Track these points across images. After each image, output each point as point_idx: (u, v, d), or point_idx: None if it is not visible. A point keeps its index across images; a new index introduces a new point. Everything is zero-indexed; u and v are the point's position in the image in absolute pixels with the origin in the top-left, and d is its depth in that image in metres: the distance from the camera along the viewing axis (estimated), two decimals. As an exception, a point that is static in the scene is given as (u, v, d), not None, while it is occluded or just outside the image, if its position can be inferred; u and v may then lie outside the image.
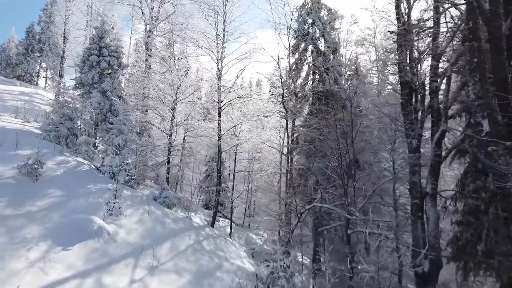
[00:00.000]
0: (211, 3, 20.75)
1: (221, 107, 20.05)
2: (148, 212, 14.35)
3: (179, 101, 20.53)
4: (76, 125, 19.60)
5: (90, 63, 22.73)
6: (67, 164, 15.29)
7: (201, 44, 20.66)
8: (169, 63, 21.76)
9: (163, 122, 22.33)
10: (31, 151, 14.98)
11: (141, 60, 26.35)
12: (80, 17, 35.08)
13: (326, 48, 23.41)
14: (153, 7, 26.56)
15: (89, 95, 22.34)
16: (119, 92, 23.56)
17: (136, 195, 16.01)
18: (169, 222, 14.94)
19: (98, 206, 12.63)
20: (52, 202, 11.64)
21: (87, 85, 22.64)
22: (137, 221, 13.32)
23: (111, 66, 23.17)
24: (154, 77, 23.54)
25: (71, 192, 12.71)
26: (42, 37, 63.50)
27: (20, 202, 10.88)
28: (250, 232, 24.73)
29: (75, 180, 14.12)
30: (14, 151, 14.23)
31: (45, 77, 66.63)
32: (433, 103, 15.25)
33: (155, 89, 20.71)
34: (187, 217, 17.12)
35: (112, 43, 23.71)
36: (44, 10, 64.30)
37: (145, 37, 26.45)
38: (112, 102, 22.55)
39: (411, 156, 15.35)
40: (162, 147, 21.96)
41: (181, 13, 24.84)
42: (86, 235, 10.35)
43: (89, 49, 23.50)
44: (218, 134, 19.78)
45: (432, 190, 14.72)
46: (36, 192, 11.87)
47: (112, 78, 23.10)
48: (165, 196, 17.12)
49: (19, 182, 11.93)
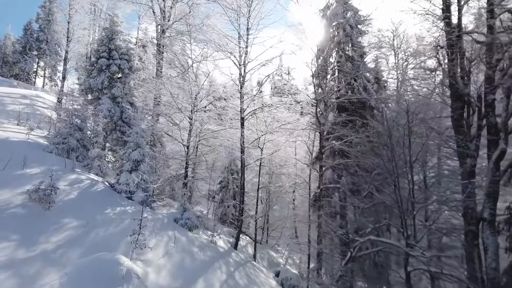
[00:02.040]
0: (232, 3, 19.00)
1: (243, 117, 18.33)
2: (174, 241, 12.70)
3: (198, 110, 18.82)
4: (86, 135, 17.86)
5: (99, 67, 21.01)
6: (80, 183, 13.58)
7: (222, 47, 18.87)
8: (186, 67, 19.99)
9: (178, 131, 20.60)
10: (40, 169, 13.36)
11: (152, 63, 24.68)
12: (83, 15, 33.22)
13: (353, 52, 21.82)
14: (165, 5, 24.82)
15: (98, 102, 20.62)
16: (130, 98, 21.87)
17: (156, 217, 14.37)
18: (197, 251, 13.28)
19: (120, 237, 10.97)
20: (69, 236, 9.94)
21: (96, 90, 20.92)
22: (164, 254, 11.66)
23: (122, 69, 21.47)
24: (168, 82, 21.82)
25: (89, 221, 11.02)
26: (40, 35, 61.51)
27: (33, 238, 9.18)
28: (269, 248, 23.12)
29: (91, 204, 12.44)
30: (22, 170, 12.54)
31: (43, 76, 64.61)
32: (489, 117, 13.71)
33: (170, 95, 18.95)
34: (212, 241, 15.48)
35: (122, 44, 22.01)
36: (43, 7, 62.21)
37: (158, 38, 24.71)
38: (123, 109, 20.87)
39: (464, 177, 13.82)
40: (177, 159, 20.25)
41: (196, 13, 23.07)
42: (113, 282, 8.65)
43: (97, 52, 21.76)
44: (241, 147, 18.05)
45: (490, 215, 13.17)
46: (50, 223, 10.18)
47: (122, 82, 21.41)
48: (187, 217, 15.46)
49: (29, 211, 10.22)
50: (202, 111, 19.67)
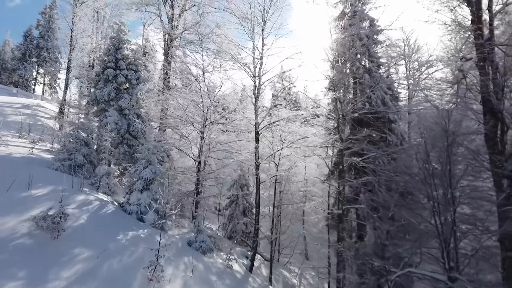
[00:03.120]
0: (247, 12, 18.18)
1: (258, 131, 17.41)
2: (191, 270, 11.73)
3: (211, 123, 17.93)
4: (92, 150, 16.92)
5: (105, 77, 20.07)
6: (89, 205, 12.61)
7: (235, 57, 18.02)
8: (197, 77, 19.12)
9: (188, 145, 19.68)
10: (46, 189, 12.42)
11: (156, 71, 23.82)
12: (87, 23, 32.39)
13: (371, 63, 21.02)
14: (173, 14, 24.00)
15: (104, 114, 19.67)
16: (138, 109, 20.94)
17: (170, 241, 13.38)
18: (215, 280, 12.29)
19: (135, 268, 10.03)
20: (81, 270, 8.95)
21: (103, 102, 19.96)
22: (182, 285, 10.67)
23: (129, 80, 20.56)
24: (177, 93, 20.94)
25: (101, 250, 10.04)
26: (41, 42, 60.67)
27: (42, 275, 8.20)
28: (281, 268, 22.04)
29: (103, 229, 11.48)
30: (26, 192, 11.57)
31: (42, 83, 63.63)
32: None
33: (180, 107, 18.05)
34: (228, 266, 14.49)
35: (130, 54, 21.10)
36: (43, 13, 61.48)
37: (165, 48, 23.87)
38: (131, 121, 19.96)
39: (500, 199, 12.90)
40: (188, 175, 19.26)
41: (206, 22, 22.25)
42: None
43: (103, 61, 20.85)
44: (256, 163, 17.10)
45: (530, 241, 12.28)
46: (60, 254, 9.20)
47: (129, 94, 20.48)
48: (201, 240, 14.48)
49: (37, 241, 9.26)
50: (213, 124, 18.71)
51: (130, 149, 19.81)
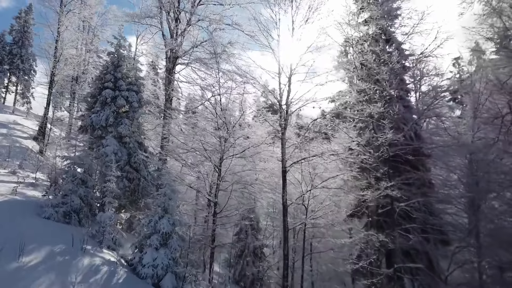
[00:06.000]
0: (269, 30, 15.99)
1: (285, 169, 15.07)
2: None
3: (229, 157, 15.50)
4: (90, 190, 14.05)
5: (103, 99, 17.26)
6: (97, 274, 9.83)
7: (258, 81, 15.75)
8: (212, 103, 16.69)
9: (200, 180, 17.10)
10: (41, 253, 9.60)
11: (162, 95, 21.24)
12: (73, 33, 29.35)
13: (401, 91, 19.12)
14: (178, 28, 21.47)
15: (101, 142, 16.84)
16: (139, 136, 18.24)
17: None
18: None
19: None
20: None
21: (99, 128, 17.12)
22: None
23: (130, 103, 17.83)
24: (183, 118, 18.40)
25: None
26: (14, 49, 56.40)
27: None
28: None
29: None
30: (17, 261, 8.76)
31: (14, 92, 59.07)
32: None
33: (196, 139, 15.55)
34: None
35: (130, 73, 18.40)
36: (18, 18, 57.34)
37: (167, 65, 21.26)
38: (131, 151, 17.24)
39: None
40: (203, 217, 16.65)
41: (218, 39, 19.87)
42: None
43: (100, 80, 18.02)
44: (284, 205, 14.72)
45: None
46: None
47: (130, 118, 17.75)
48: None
49: None
50: (231, 158, 16.18)
51: (130, 184, 17.03)
